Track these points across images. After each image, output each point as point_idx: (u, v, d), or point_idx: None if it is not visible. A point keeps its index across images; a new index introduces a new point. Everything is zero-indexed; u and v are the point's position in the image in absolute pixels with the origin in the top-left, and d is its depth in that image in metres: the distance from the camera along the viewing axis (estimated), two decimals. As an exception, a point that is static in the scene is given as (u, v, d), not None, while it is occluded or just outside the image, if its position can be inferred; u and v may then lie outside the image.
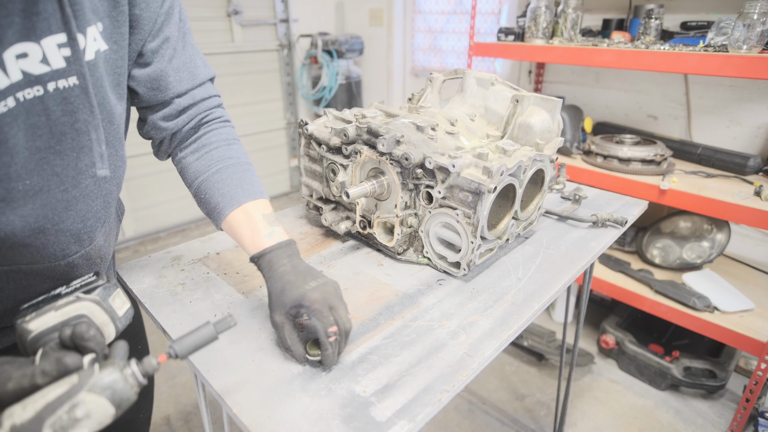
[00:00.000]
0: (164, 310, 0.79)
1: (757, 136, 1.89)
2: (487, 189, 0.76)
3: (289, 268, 0.70)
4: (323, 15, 3.71)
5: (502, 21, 2.80)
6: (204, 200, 0.78)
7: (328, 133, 0.97)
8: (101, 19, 0.61)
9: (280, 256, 0.71)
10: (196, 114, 0.79)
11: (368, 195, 0.90)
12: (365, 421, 0.57)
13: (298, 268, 0.70)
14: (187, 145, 0.80)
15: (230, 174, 0.78)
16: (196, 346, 0.52)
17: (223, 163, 0.78)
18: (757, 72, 1.37)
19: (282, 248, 0.72)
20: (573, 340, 1.43)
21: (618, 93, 2.26)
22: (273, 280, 0.69)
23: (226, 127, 0.83)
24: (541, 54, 1.90)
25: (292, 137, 3.84)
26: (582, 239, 1.04)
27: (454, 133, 0.95)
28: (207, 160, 0.79)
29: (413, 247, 0.94)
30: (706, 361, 1.83)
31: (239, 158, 0.81)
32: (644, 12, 1.79)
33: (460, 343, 0.71)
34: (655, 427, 1.77)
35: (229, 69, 3.29)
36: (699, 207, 1.61)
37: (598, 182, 1.82)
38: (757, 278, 1.90)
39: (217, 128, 0.82)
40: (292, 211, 1.19)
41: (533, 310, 0.79)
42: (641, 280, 1.89)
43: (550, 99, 0.97)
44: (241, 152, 0.82)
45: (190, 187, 0.81)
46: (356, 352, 0.69)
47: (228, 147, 0.81)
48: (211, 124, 0.81)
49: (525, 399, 1.93)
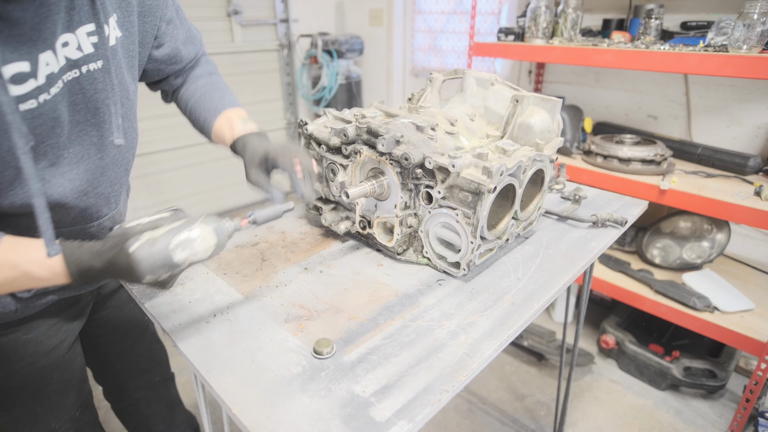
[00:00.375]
0: (164, 310, 0.79)
1: (757, 136, 1.89)
2: (487, 189, 0.76)
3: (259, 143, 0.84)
4: (323, 15, 3.71)
5: (502, 21, 2.80)
6: (195, 119, 0.96)
7: (328, 133, 0.97)
8: (115, 10, 0.72)
9: (252, 138, 0.86)
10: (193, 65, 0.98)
11: (368, 195, 0.90)
12: (365, 422, 0.57)
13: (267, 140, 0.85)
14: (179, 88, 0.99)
15: (212, 95, 0.95)
16: (266, 219, 0.73)
17: (206, 88, 0.96)
18: (757, 72, 1.37)
19: (254, 134, 0.87)
20: (573, 340, 1.43)
21: (618, 93, 2.26)
22: (246, 154, 0.83)
23: (208, 64, 1.02)
24: (541, 54, 1.90)
25: (292, 137, 3.84)
26: (582, 239, 1.04)
27: (454, 133, 0.95)
28: (194, 88, 0.97)
29: (413, 247, 0.94)
30: (706, 361, 1.83)
31: (219, 83, 0.99)
32: (644, 12, 1.79)
33: (460, 343, 0.71)
34: (655, 427, 1.77)
35: (229, 69, 3.28)
36: (699, 207, 1.61)
37: (598, 182, 1.82)
38: (757, 278, 1.90)
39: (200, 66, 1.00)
40: (292, 211, 1.19)
41: (533, 310, 0.79)
42: (641, 280, 1.89)
43: (550, 99, 0.97)
44: (220, 80, 1.01)
45: (185, 113, 0.99)
46: (356, 353, 0.69)
47: (209, 76, 1.00)
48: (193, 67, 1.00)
49: (525, 399, 1.93)
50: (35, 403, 0.88)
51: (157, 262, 0.59)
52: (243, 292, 0.84)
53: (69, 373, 0.94)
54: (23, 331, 0.84)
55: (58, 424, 0.92)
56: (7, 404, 0.86)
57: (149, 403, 1.28)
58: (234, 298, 0.82)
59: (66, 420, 0.94)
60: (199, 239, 0.62)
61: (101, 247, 0.61)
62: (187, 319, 0.76)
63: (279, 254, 0.98)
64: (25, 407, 0.87)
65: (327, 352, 0.68)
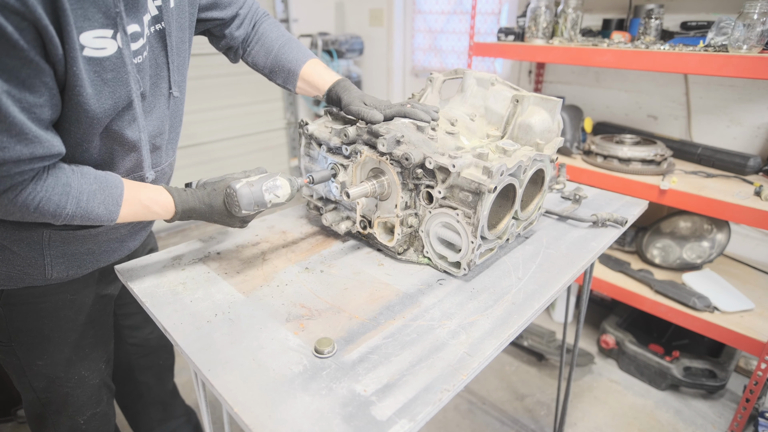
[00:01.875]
0: (165, 310, 0.79)
1: (757, 136, 1.89)
2: (487, 189, 0.76)
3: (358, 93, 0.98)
4: (323, 15, 3.71)
5: (502, 21, 2.81)
6: (278, 71, 1.07)
7: (329, 134, 0.97)
8: None
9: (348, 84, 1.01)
10: (252, 19, 1.06)
11: (368, 195, 0.90)
12: (366, 420, 0.57)
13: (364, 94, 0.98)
14: (251, 42, 1.07)
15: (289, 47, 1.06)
16: (320, 180, 0.91)
17: (280, 41, 1.06)
18: (757, 72, 1.37)
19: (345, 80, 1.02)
20: (573, 340, 1.43)
21: (618, 93, 2.26)
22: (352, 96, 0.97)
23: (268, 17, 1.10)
24: (541, 54, 1.90)
25: (292, 137, 3.84)
26: (582, 239, 1.05)
27: (454, 133, 0.95)
28: (269, 43, 1.06)
29: (413, 247, 0.94)
30: (706, 361, 1.83)
31: (289, 36, 1.09)
32: (644, 12, 1.79)
33: (461, 342, 0.71)
34: (655, 427, 1.77)
35: (229, 69, 3.28)
36: (699, 207, 1.61)
37: (598, 182, 1.82)
38: (757, 278, 1.90)
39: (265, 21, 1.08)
40: (293, 211, 1.20)
41: (533, 310, 0.79)
42: (641, 280, 1.89)
43: (550, 99, 0.97)
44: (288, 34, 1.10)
45: (264, 69, 1.09)
46: (357, 352, 0.69)
47: (277, 29, 1.09)
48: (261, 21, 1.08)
49: (525, 399, 1.93)
50: (72, 353, 1.00)
51: (253, 200, 0.79)
52: (244, 292, 0.84)
53: (102, 332, 1.07)
54: (71, 293, 0.95)
55: (87, 372, 1.04)
56: (49, 350, 0.97)
57: (151, 389, 1.34)
58: (235, 298, 0.83)
59: (94, 370, 1.06)
60: (282, 187, 0.82)
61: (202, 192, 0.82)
62: (189, 319, 0.77)
63: (280, 254, 0.98)
64: (63, 355, 0.99)
65: (328, 351, 0.68)
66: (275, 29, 1.08)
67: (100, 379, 1.09)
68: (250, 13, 1.05)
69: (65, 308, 0.96)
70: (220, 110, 3.27)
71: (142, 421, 1.39)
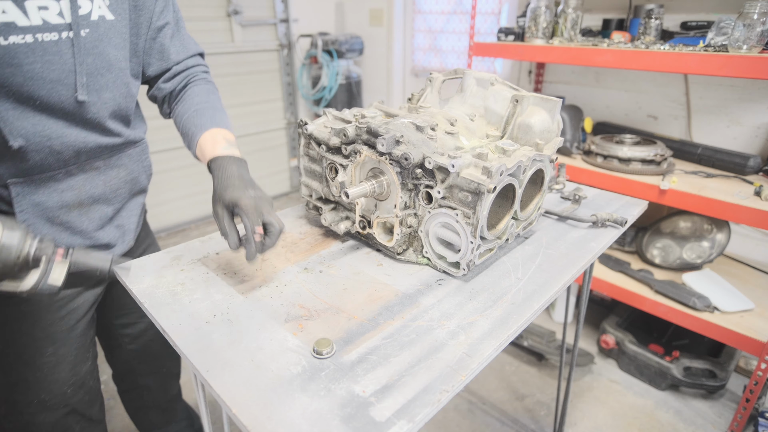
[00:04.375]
0: (164, 310, 0.79)
1: (757, 136, 1.89)
2: (487, 189, 0.76)
3: (236, 174, 0.82)
4: (323, 15, 3.71)
5: (502, 21, 2.80)
6: (185, 134, 0.96)
7: (328, 133, 0.97)
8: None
9: (230, 162, 0.85)
10: (186, 76, 1.00)
11: (368, 195, 0.90)
12: (365, 421, 0.57)
13: (243, 177, 0.83)
14: (176, 100, 1.01)
15: (204, 113, 0.95)
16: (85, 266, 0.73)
17: (201, 106, 0.97)
18: (757, 72, 1.37)
19: (234, 159, 0.86)
20: (573, 340, 1.43)
21: (618, 93, 2.26)
22: (220, 180, 0.82)
23: (208, 83, 1.03)
24: (541, 54, 1.90)
25: (292, 137, 3.84)
26: (582, 239, 1.04)
27: (454, 133, 0.95)
28: (189, 104, 0.98)
29: (413, 247, 0.94)
30: (706, 361, 1.83)
31: (214, 103, 0.99)
32: (644, 12, 1.79)
33: (460, 343, 0.71)
34: (655, 427, 1.77)
35: (229, 69, 3.28)
36: (699, 207, 1.61)
37: (598, 182, 1.82)
38: (757, 278, 1.90)
39: (199, 83, 1.02)
40: (292, 211, 1.19)
41: (533, 310, 0.79)
42: (641, 280, 1.89)
43: (550, 99, 0.97)
44: (216, 100, 1.01)
45: (178, 129, 0.99)
46: (356, 352, 0.69)
47: (207, 95, 1.00)
48: (195, 81, 1.01)
49: (525, 399, 1.93)
50: (27, 372, 0.93)
51: None
52: (243, 292, 0.84)
53: (64, 350, 0.98)
54: (25, 305, 0.91)
55: (48, 397, 0.97)
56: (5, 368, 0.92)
57: (152, 392, 1.32)
58: (234, 298, 0.82)
59: (57, 395, 0.98)
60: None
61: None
62: (187, 319, 0.76)
63: (279, 254, 0.98)
64: (19, 374, 0.93)
65: (327, 352, 0.68)
66: (202, 94, 1.00)
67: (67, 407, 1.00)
68: (185, 72, 1.01)
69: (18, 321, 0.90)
70: (219, 110, 3.27)
71: (142, 421, 1.39)
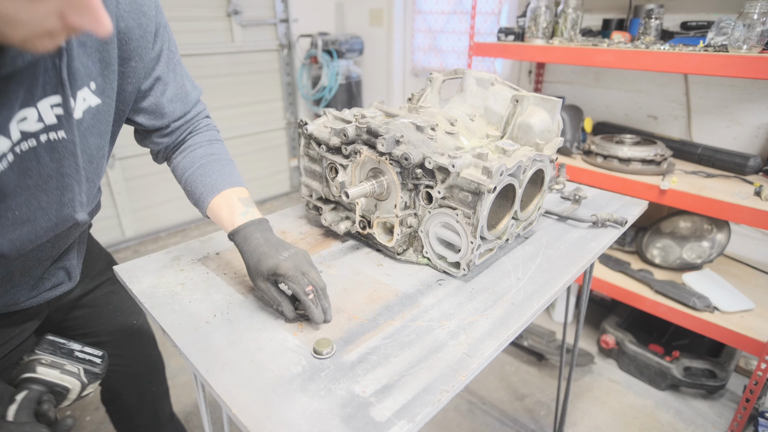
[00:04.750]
0: (164, 310, 0.79)
1: (757, 136, 1.89)
2: (487, 189, 0.76)
3: (262, 241, 0.78)
4: (323, 15, 3.71)
5: (502, 21, 2.80)
6: (190, 192, 0.88)
7: (328, 133, 0.97)
8: (94, 78, 0.68)
9: (252, 231, 0.80)
10: (186, 128, 0.90)
11: (368, 195, 0.90)
12: (365, 422, 0.57)
13: (271, 241, 0.79)
14: (176, 151, 0.91)
15: (211, 167, 0.88)
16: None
17: (206, 159, 0.89)
18: (757, 72, 1.37)
19: (255, 224, 0.81)
20: (573, 340, 1.43)
21: (618, 93, 2.26)
22: (248, 253, 0.78)
23: (210, 130, 0.94)
24: (541, 54, 1.90)
25: (292, 137, 3.84)
26: (582, 239, 1.04)
27: (454, 133, 0.94)
28: (192, 158, 0.89)
29: (413, 247, 0.94)
30: (706, 361, 1.83)
31: (220, 154, 0.91)
32: (644, 12, 1.79)
33: (460, 343, 0.71)
34: (655, 427, 1.77)
35: (229, 69, 3.28)
36: (699, 207, 1.61)
37: (598, 182, 1.82)
38: (757, 278, 1.90)
39: (201, 131, 0.92)
40: (292, 211, 1.19)
41: (533, 310, 0.79)
42: (641, 280, 1.89)
43: (550, 99, 0.97)
44: (222, 149, 0.93)
45: (180, 183, 0.90)
46: (356, 353, 0.69)
47: (210, 145, 0.91)
48: (197, 130, 0.92)
49: (525, 399, 1.93)
50: None
51: None
52: (243, 292, 0.84)
53: None
54: None
55: None
56: None
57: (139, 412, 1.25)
58: (234, 298, 0.82)
59: None
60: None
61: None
62: (187, 319, 0.76)
63: (279, 254, 0.98)
64: None
65: (327, 352, 0.68)
66: (205, 145, 0.91)
67: None
68: (184, 125, 0.90)
69: None
70: (219, 110, 3.27)
71: None
